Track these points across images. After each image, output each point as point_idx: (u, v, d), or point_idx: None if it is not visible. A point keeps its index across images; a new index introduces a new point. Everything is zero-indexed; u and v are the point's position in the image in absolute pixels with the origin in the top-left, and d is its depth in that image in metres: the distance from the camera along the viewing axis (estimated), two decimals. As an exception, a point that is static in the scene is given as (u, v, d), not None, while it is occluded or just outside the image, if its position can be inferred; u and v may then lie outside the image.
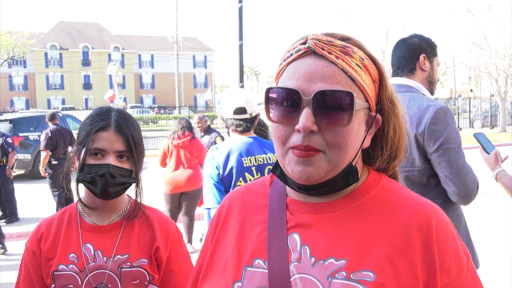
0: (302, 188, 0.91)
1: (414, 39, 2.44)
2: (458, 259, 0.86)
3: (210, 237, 1.04)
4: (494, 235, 6.33)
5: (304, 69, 0.86)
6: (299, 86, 0.85)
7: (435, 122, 2.16)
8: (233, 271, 0.91)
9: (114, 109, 1.55)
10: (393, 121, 0.94)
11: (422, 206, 0.89)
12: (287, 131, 0.87)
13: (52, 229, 1.54)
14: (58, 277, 1.47)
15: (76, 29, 60.74)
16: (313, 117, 0.83)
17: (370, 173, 0.96)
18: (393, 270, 0.82)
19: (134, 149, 1.48)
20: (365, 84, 0.88)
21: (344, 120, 0.84)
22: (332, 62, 0.86)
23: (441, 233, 0.86)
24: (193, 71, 65.49)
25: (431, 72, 2.45)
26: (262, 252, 0.91)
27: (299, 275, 0.85)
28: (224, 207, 1.05)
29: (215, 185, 2.62)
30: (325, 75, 0.85)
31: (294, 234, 0.90)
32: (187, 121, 6.10)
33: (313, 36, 0.88)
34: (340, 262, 0.84)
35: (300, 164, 0.85)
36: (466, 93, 44.32)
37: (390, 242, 0.85)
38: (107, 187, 1.44)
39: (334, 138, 0.84)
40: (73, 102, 55.58)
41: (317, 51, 0.86)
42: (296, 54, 0.88)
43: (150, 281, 1.50)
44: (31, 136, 12.59)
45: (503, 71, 23.85)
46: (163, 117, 31.55)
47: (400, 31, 32.57)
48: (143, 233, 1.54)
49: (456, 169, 2.14)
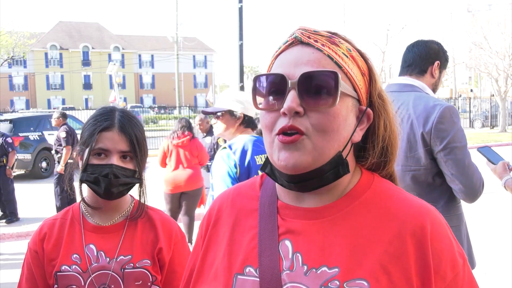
0: (291, 181, 0.87)
1: (434, 45, 2.49)
2: (454, 263, 0.84)
3: (200, 241, 1.01)
4: (494, 235, 6.33)
5: (291, 57, 0.87)
6: (285, 71, 0.85)
7: (442, 121, 2.18)
8: (224, 279, 0.89)
9: (117, 109, 1.54)
10: (383, 117, 0.93)
11: (416, 210, 0.87)
12: (273, 117, 0.86)
13: (55, 229, 1.53)
14: (61, 278, 1.46)
15: (76, 29, 60.73)
16: (298, 99, 0.83)
17: (363, 174, 0.94)
18: (387, 278, 0.81)
19: (137, 149, 1.48)
20: (352, 73, 0.88)
21: (329, 100, 0.83)
22: (318, 48, 0.87)
23: (436, 237, 0.84)
24: (193, 71, 65.46)
25: (437, 81, 2.50)
26: (253, 260, 0.89)
27: (291, 283, 0.83)
28: (214, 210, 1.02)
29: (233, 183, 2.63)
30: (311, 60, 0.86)
31: (286, 240, 0.88)
32: (187, 120, 6.10)
33: (300, 27, 0.90)
34: (333, 271, 0.82)
35: (285, 150, 0.83)
36: (466, 93, 44.33)
37: (384, 249, 0.83)
38: (111, 188, 1.43)
39: (319, 120, 0.83)
40: (73, 102, 55.53)
41: (303, 40, 0.88)
42: (284, 46, 0.90)
43: (153, 282, 1.49)
44: (31, 136, 12.58)
45: (503, 71, 23.85)
46: (163, 117, 31.53)
47: (400, 31, 32.56)
48: (146, 234, 1.54)
49: (463, 168, 2.17)
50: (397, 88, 2.42)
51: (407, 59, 2.49)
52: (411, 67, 2.46)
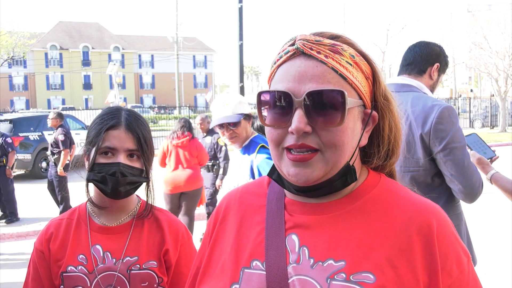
0: (300, 190, 0.90)
1: (436, 47, 2.50)
2: (459, 260, 0.85)
3: (207, 238, 1.03)
4: (494, 235, 6.33)
5: (294, 71, 0.85)
6: (289, 88, 0.84)
7: (440, 122, 2.17)
8: (230, 273, 0.91)
9: (123, 108, 1.54)
10: (388, 117, 0.93)
11: (422, 207, 0.88)
12: (280, 134, 0.86)
13: (61, 229, 1.53)
14: (67, 278, 1.46)
15: (76, 29, 60.71)
16: (306, 118, 0.83)
17: (370, 173, 0.95)
18: (393, 271, 0.82)
19: (144, 147, 1.47)
20: (357, 81, 0.87)
21: (337, 119, 0.83)
22: (322, 61, 0.85)
23: (442, 235, 0.85)
24: (193, 71, 65.46)
25: (435, 83, 2.51)
26: (260, 254, 0.90)
27: (298, 276, 0.84)
28: (222, 208, 1.04)
29: None
30: (315, 75, 0.84)
31: (293, 235, 0.89)
32: (187, 121, 6.09)
33: (301, 37, 0.87)
34: (339, 264, 0.83)
35: (296, 166, 0.85)
36: (466, 93, 44.34)
37: (391, 244, 0.84)
38: (118, 186, 1.43)
39: (329, 137, 0.84)
40: (73, 102, 55.53)
41: (305, 52, 0.86)
42: (286, 56, 0.88)
43: (159, 283, 1.49)
44: (31, 136, 12.58)
45: (503, 71, 23.85)
46: (163, 117, 31.52)
47: (400, 31, 32.58)
48: (152, 235, 1.53)
49: (462, 168, 2.16)
50: (395, 88, 2.41)
51: (408, 57, 2.49)
52: (410, 66, 2.46)
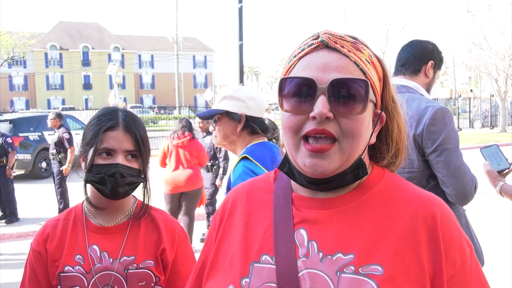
0: (312, 182, 0.91)
1: (429, 44, 2.48)
2: (462, 250, 0.88)
3: (213, 233, 1.03)
4: (494, 235, 6.33)
5: (318, 61, 0.88)
6: (314, 75, 0.87)
7: (433, 123, 2.17)
8: (240, 267, 0.92)
9: (120, 109, 1.55)
10: (396, 119, 0.97)
11: (426, 200, 0.91)
12: (300, 120, 0.88)
13: (58, 229, 1.53)
14: (64, 279, 1.46)
15: (76, 29, 60.74)
16: (328, 105, 0.85)
17: (374, 168, 0.97)
18: (401, 263, 0.83)
19: (142, 148, 1.48)
20: (374, 79, 0.91)
21: (359, 107, 0.86)
22: (345, 54, 0.88)
23: (446, 225, 0.87)
24: (193, 71, 65.48)
25: (431, 81, 2.49)
26: (269, 248, 0.91)
27: (307, 270, 0.86)
28: (229, 203, 1.05)
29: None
30: (339, 66, 0.87)
31: (301, 229, 0.91)
32: (187, 121, 6.09)
33: (326, 31, 0.91)
34: (348, 257, 0.85)
35: (313, 157, 0.86)
36: (466, 93, 44.32)
37: (397, 236, 0.86)
38: (117, 187, 1.43)
39: (349, 126, 0.86)
40: (73, 102, 55.54)
41: (330, 45, 0.89)
42: (309, 49, 0.91)
43: (156, 282, 1.50)
44: (31, 136, 12.57)
45: (503, 71, 23.84)
46: (163, 117, 31.53)
47: (400, 31, 32.58)
48: (149, 234, 1.54)
49: (453, 170, 2.15)
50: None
51: (401, 58, 2.49)
52: (405, 67, 2.45)
